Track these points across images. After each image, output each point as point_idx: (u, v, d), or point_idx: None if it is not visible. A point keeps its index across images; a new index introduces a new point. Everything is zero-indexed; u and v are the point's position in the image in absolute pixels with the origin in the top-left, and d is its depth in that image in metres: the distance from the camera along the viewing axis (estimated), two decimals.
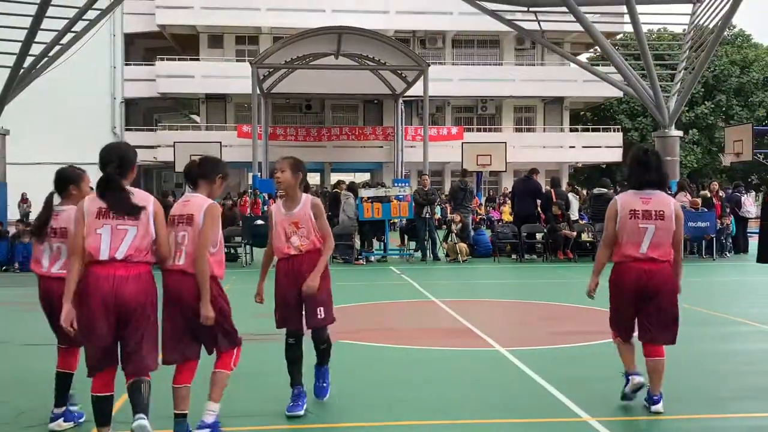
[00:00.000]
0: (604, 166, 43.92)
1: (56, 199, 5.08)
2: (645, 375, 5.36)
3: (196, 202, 4.53)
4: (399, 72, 31.14)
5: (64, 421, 5.02)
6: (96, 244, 4.18)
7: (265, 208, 19.07)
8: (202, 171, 4.69)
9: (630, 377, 5.38)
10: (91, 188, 4.77)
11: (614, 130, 42.72)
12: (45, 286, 5.17)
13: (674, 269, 5.25)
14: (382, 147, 39.34)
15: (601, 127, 43.64)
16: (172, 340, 4.51)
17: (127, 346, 4.26)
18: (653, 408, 5.20)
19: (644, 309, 5.23)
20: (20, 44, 19.10)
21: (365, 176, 46.46)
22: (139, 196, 4.33)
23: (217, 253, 4.55)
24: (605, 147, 41.50)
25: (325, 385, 5.57)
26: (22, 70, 19.95)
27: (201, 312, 4.39)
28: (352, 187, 17.93)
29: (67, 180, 5.07)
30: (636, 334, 5.36)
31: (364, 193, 17.53)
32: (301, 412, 5.21)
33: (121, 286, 4.16)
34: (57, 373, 5.04)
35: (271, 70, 30.99)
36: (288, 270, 5.24)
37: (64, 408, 5.03)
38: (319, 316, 5.28)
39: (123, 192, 4.27)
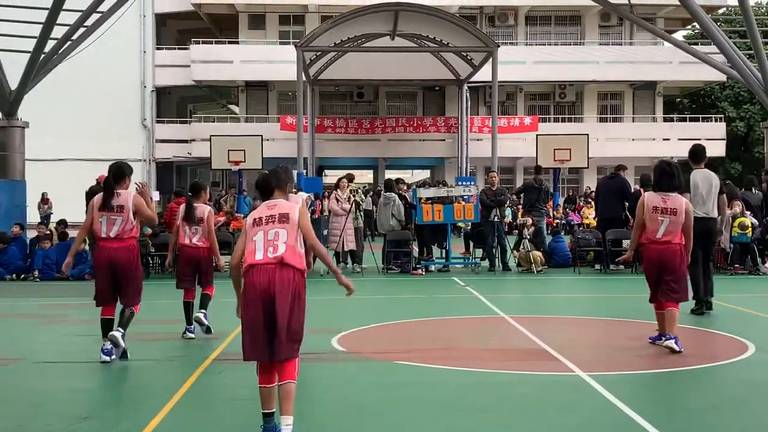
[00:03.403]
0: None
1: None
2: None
3: (285, 204, 5.57)
4: (464, 54, 30.99)
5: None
6: (97, 227, 8.05)
7: (312, 209, 19.15)
8: (277, 182, 5.70)
9: (662, 336, 8.46)
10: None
11: (716, 120, 41.84)
12: (188, 252, 9.43)
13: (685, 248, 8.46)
14: (444, 140, 39.24)
15: (700, 116, 42.76)
16: (251, 338, 5.36)
17: (121, 288, 8.15)
18: (666, 343, 8.16)
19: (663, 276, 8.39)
20: (40, 27, 19.56)
21: (425, 173, 46.57)
22: (123, 197, 8.04)
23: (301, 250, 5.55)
24: (705, 139, 40.46)
25: None
26: (42, 56, 20.43)
27: (341, 283, 5.66)
28: (390, 185, 17.85)
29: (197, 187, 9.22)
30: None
31: (423, 192, 17.49)
32: None
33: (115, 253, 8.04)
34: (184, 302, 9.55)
35: (318, 53, 31.16)
36: None
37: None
38: None
39: (112, 195, 8.02)
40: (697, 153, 11.22)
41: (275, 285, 5.26)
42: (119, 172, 8.21)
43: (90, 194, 17.06)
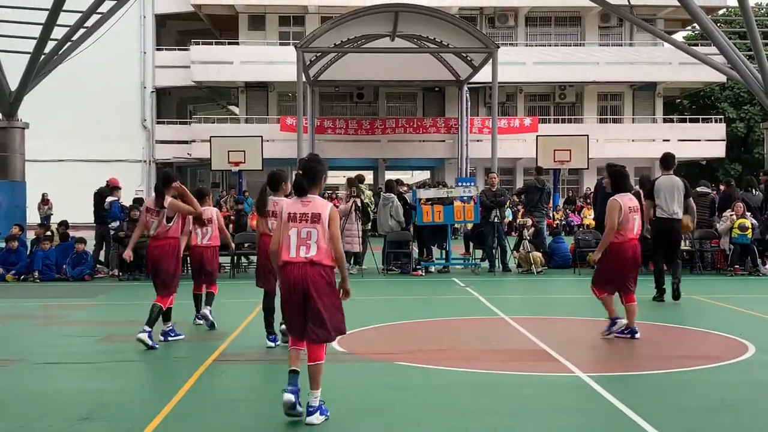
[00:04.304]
0: (703, 162, 43.02)
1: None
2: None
3: (319, 203, 5.94)
4: (464, 55, 31.01)
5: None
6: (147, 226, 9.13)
7: None
8: (310, 180, 6.02)
9: (617, 320, 9.18)
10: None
11: (716, 121, 41.83)
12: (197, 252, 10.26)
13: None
14: (443, 141, 39.24)
15: (700, 117, 42.75)
16: (295, 323, 5.95)
17: (158, 280, 9.01)
18: (636, 336, 9.03)
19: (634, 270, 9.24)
20: (40, 27, 19.57)
21: (425, 174, 46.59)
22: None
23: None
24: (705, 140, 40.64)
25: None
26: (42, 57, 20.45)
27: (344, 289, 5.98)
28: (391, 186, 17.84)
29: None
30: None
31: (423, 193, 17.49)
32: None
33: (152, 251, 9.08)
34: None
35: (318, 54, 31.18)
36: None
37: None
38: None
39: (160, 198, 8.99)
40: (666, 160, 12.54)
41: (308, 281, 5.83)
42: (165, 178, 9.24)
43: (98, 195, 17.27)
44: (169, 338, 9.24)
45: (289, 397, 5.78)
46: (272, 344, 8.77)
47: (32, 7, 20.39)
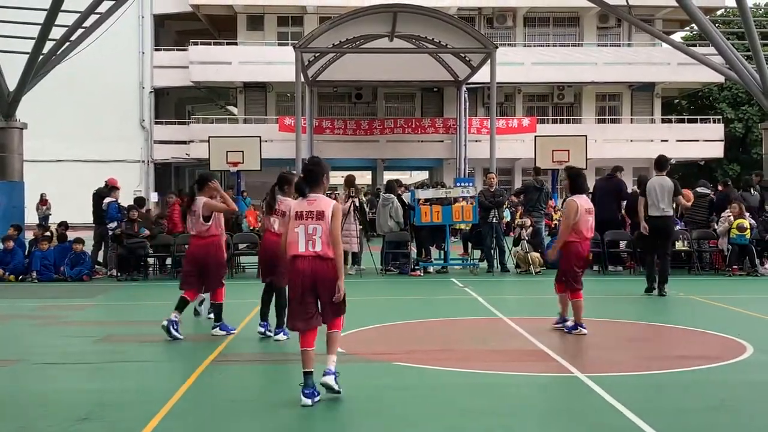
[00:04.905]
0: (702, 162, 43.05)
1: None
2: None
3: (323, 201, 6.49)
4: (462, 55, 31.00)
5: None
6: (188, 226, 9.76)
7: None
8: (311, 182, 6.55)
9: (569, 321, 9.67)
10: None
11: (714, 121, 41.84)
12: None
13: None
14: (442, 141, 39.24)
15: (698, 117, 42.78)
16: (300, 313, 6.44)
17: (208, 277, 9.56)
18: (575, 331, 9.39)
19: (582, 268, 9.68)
20: (39, 27, 19.55)
21: (423, 175, 46.58)
22: (197, 204, 9.48)
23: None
24: (703, 141, 40.67)
25: None
26: (41, 57, 20.42)
27: (338, 286, 6.40)
28: (391, 186, 17.81)
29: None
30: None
31: (422, 194, 17.48)
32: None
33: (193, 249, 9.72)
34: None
35: (317, 54, 31.17)
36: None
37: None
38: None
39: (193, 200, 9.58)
40: (659, 162, 13.46)
41: (317, 273, 6.40)
42: (200, 181, 9.85)
43: (97, 195, 17.30)
44: (172, 330, 9.25)
45: (306, 402, 6.23)
46: (284, 337, 9.18)
47: (30, 7, 20.37)
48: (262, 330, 9.45)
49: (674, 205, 13.36)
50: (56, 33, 20.21)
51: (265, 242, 9.48)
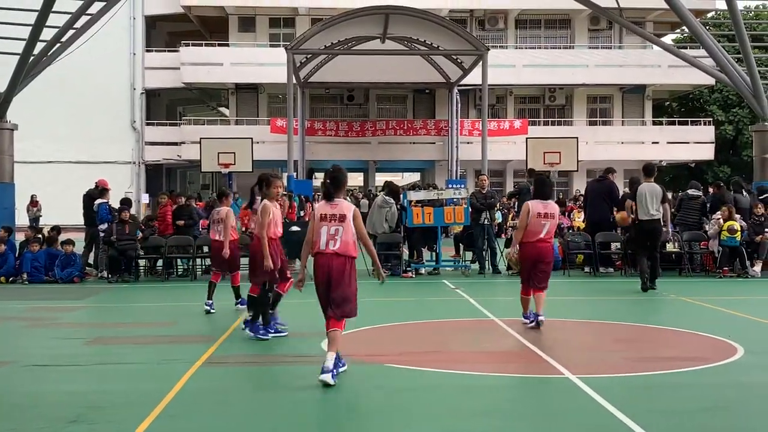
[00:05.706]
0: (692, 165, 43.20)
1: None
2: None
3: (345, 205, 7.30)
4: (454, 57, 31.04)
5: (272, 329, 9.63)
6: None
7: (302, 213, 19.10)
8: (336, 187, 7.37)
9: (534, 316, 10.05)
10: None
11: (705, 124, 41.97)
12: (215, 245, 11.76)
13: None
14: (434, 143, 39.24)
15: (689, 119, 42.91)
16: (323, 299, 7.23)
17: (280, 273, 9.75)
18: (540, 319, 9.91)
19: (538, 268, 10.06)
20: (29, 28, 19.48)
21: (415, 176, 46.57)
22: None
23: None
24: (694, 143, 40.79)
25: None
26: (31, 58, 20.35)
27: (377, 270, 7.85)
28: (394, 191, 17.73)
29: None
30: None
31: (413, 195, 17.47)
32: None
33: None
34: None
35: (308, 56, 31.16)
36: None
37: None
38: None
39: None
40: (648, 168, 14.45)
41: (332, 269, 7.16)
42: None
43: (87, 197, 17.27)
44: (270, 331, 9.47)
45: (326, 377, 6.88)
46: (266, 337, 9.37)
47: (21, 8, 20.29)
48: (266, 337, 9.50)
49: (661, 210, 14.09)
50: (47, 34, 20.14)
51: (252, 244, 9.80)
